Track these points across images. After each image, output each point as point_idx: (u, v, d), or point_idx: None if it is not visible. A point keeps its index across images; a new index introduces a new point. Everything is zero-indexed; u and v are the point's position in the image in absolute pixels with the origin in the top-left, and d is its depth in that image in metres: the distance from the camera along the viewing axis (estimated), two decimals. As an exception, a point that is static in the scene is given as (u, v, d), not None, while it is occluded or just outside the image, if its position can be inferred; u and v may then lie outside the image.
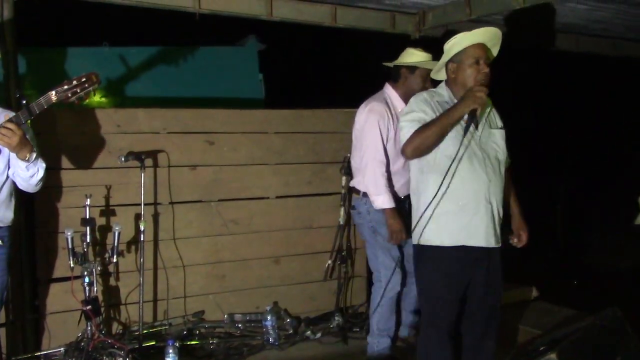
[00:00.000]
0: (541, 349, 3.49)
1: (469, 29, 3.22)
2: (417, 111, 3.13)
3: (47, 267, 4.20)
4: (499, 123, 3.29)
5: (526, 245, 3.40)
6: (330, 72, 7.91)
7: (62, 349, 4.05)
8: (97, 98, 5.23)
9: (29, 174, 3.13)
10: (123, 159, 4.16)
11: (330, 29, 5.35)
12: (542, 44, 6.29)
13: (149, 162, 4.32)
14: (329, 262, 4.93)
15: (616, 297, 4.31)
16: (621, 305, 3.53)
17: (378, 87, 4.21)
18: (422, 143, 3.03)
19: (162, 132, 4.53)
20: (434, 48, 4.12)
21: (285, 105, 5.10)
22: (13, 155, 3.08)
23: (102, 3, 4.45)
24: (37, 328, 4.22)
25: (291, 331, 4.62)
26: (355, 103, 5.11)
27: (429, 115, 3.09)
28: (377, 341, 4.14)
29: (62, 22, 6.01)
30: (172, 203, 4.54)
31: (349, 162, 4.80)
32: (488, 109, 3.25)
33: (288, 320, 4.68)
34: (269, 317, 4.49)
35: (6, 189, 3.21)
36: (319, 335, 4.61)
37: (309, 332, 4.61)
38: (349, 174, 4.81)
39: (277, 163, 4.90)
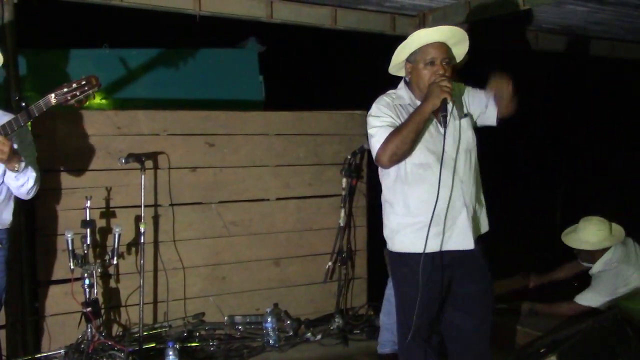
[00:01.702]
0: (541, 350, 3.49)
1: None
2: (382, 116, 2.98)
3: (47, 269, 4.20)
4: (464, 110, 3.11)
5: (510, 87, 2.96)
6: (331, 74, 7.91)
7: (62, 350, 4.05)
8: (97, 100, 5.23)
9: (19, 183, 3.13)
10: (123, 161, 4.17)
11: (331, 31, 5.35)
12: (541, 45, 6.29)
13: (149, 164, 4.33)
14: (330, 263, 4.94)
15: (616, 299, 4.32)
16: (621, 307, 3.53)
17: (377, 89, 4.21)
18: (399, 147, 2.88)
19: (163, 134, 4.54)
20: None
21: (285, 107, 5.10)
22: None
23: (103, 5, 4.45)
24: (37, 330, 4.22)
25: (291, 333, 4.62)
26: (355, 105, 5.13)
27: (395, 120, 2.96)
28: (381, 334, 4.21)
29: (62, 24, 6.01)
30: (172, 205, 4.55)
31: (349, 164, 4.82)
32: (450, 105, 3.02)
33: (288, 322, 4.68)
34: (269, 319, 4.49)
35: (4, 191, 3.21)
36: (319, 337, 4.61)
37: (309, 334, 4.61)
38: (349, 175, 4.83)
39: (278, 165, 4.91)
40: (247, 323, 4.68)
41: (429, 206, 2.91)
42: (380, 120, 2.97)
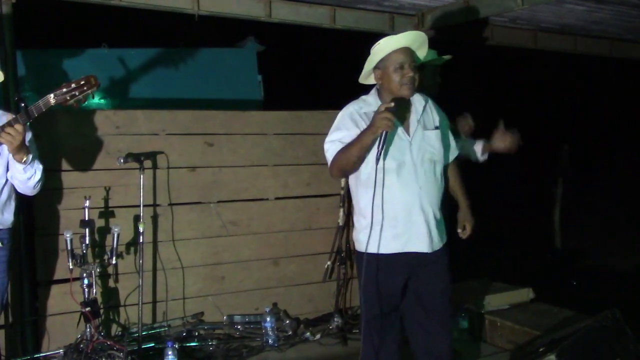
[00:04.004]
0: (540, 349, 3.50)
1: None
2: (340, 129, 3.14)
3: (46, 269, 4.20)
4: (436, 121, 3.22)
5: (470, 236, 3.43)
6: (329, 73, 7.91)
7: (61, 350, 4.04)
8: (96, 99, 5.23)
9: (27, 176, 3.13)
10: (122, 161, 4.15)
11: (329, 31, 5.35)
12: (540, 44, 6.30)
13: (148, 163, 4.31)
14: (328, 263, 4.94)
15: (615, 298, 4.32)
16: (620, 307, 3.53)
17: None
18: (344, 165, 3.08)
19: (161, 134, 4.53)
20: (431, 49, 4.12)
21: (284, 107, 5.10)
22: (11, 157, 3.08)
23: (101, 5, 4.45)
24: (37, 330, 4.21)
25: (290, 332, 4.62)
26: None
27: (352, 132, 3.09)
28: None
29: (61, 24, 6.01)
30: (171, 204, 4.55)
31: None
32: (421, 111, 3.19)
33: (287, 321, 4.68)
34: (268, 319, 4.49)
35: (6, 191, 3.21)
36: (318, 336, 4.61)
37: (308, 334, 4.61)
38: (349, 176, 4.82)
39: (276, 164, 4.91)
40: (246, 322, 4.68)
41: (385, 208, 3.07)
42: (334, 135, 3.17)
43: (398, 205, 3.06)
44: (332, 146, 3.14)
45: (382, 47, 3.10)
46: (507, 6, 4.84)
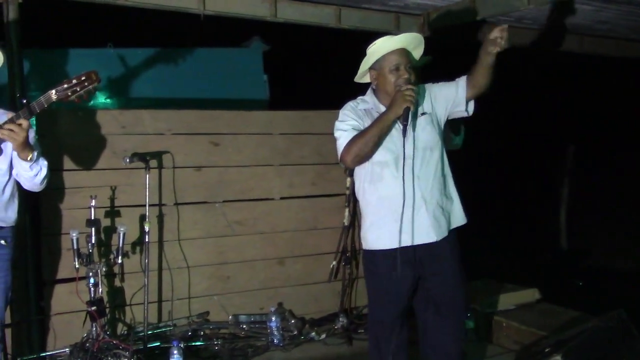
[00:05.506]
0: (546, 350, 3.49)
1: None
2: (349, 119, 3.14)
3: (52, 268, 4.21)
4: (425, 107, 3.19)
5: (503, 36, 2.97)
6: (335, 73, 7.89)
7: (67, 349, 4.06)
8: (102, 99, 5.24)
9: (33, 173, 3.14)
10: (128, 160, 4.17)
11: (335, 30, 5.35)
12: (546, 44, 6.27)
13: (153, 163, 4.33)
14: (334, 263, 4.94)
15: (621, 299, 4.31)
16: (626, 307, 3.53)
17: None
18: (361, 149, 3.05)
19: (167, 133, 4.54)
20: (437, 49, 4.12)
21: (289, 107, 5.10)
22: (15, 156, 3.09)
23: (107, 4, 4.45)
24: (43, 328, 4.22)
25: (296, 332, 4.62)
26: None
27: (360, 123, 3.12)
28: None
29: (66, 24, 6.02)
30: (176, 204, 4.56)
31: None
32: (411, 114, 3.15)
33: (292, 321, 4.68)
34: (273, 318, 4.49)
35: (8, 189, 3.21)
36: (323, 336, 4.62)
37: (313, 333, 4.61)
38: (353, 174, 4.81)
39: (282, 164, 4.91)
40: (251, 322, 4.68)
41: (387, 203, 3.09)
42: (346, 124, 3.14)
43: (399, 198, 3.02)
44: (344, 133, 3.11)
45: (378, 48, 3.11)
46: (513, 6, 4.83)
